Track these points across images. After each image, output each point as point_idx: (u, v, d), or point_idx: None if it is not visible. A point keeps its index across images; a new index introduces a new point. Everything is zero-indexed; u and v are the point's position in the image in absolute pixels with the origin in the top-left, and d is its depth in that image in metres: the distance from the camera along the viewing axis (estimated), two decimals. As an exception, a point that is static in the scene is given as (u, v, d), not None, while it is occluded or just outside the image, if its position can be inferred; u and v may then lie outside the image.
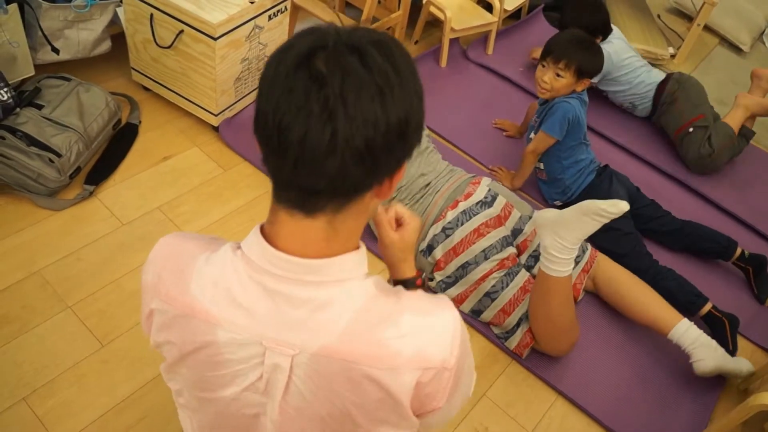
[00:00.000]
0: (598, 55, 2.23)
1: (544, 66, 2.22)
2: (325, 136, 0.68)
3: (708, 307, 2.05)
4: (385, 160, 0.73)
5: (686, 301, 2.05)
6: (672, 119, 2.76)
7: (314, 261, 0.76)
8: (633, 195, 2.36)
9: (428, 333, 0.79)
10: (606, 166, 2.39)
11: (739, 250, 2.30)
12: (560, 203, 2.39)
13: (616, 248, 2.15)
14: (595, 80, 2.82)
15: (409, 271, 1.12)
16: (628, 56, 2.81)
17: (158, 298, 0.83)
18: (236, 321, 0.78)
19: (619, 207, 1.67)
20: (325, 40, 0.71)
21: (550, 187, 2.41)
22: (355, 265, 0.79)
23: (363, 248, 0.82)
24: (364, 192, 0.75)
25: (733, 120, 2.71)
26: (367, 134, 0.69)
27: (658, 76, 2.83)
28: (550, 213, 1.76)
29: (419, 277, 1.13)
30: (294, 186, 0.73)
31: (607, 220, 1.70)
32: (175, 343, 0.83)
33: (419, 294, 0.84)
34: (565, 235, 1.71)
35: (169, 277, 0.82)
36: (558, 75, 2.18)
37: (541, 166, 2.38)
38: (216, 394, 0.84)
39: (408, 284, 1.09)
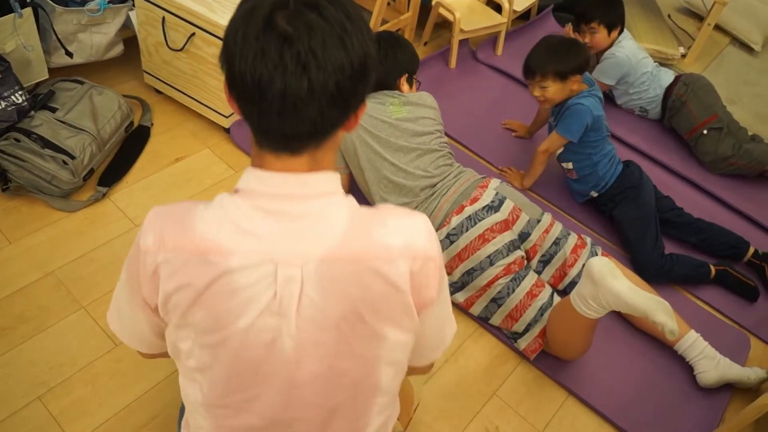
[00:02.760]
0: (574, 52, 2.21)
1: (530, 84, 2.27)
2: (303, 87, 0.79)
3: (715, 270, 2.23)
4: (354, 99, 0.86)
5: (698, 274, 2.22)
6: (683, 122, 2.73)
7: (301, 174, 0.88)
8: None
9: (410, 229, 0.92)
10: (630, 160, 2.40)
11: (752, 249, 2.30)
12: (596, 194, 2.36)
13: (641, 238, 2.22)
14: (611, 82, 2.81)
15: None
16: (642, 57, 2.79)
17: (164, 251, 0.87)
18: (246, 246, 0.85)
19: (672, 332, 1.61)
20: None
21: (583, 184, 2.36)
22: (335, 181, 0.91)
23: (338, 173, 0.93)
24: (337, 129, 0.88)
25: None
26: (338, 79, 0.81)
27: (667, 79, 2.80)
28: (615, 282, 1.60)
29: None
30: (279, 133, 0.85)
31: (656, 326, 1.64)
32: (190, 282, 0.86)
33: (393, 205, 0.97)
34: (610, 304, 1.63)
35: (171, 229, 0.88)
36: (542, 87, 2.22)
37: (570, 166, 2.35)
38: (231, 328, 0.87)
39: None
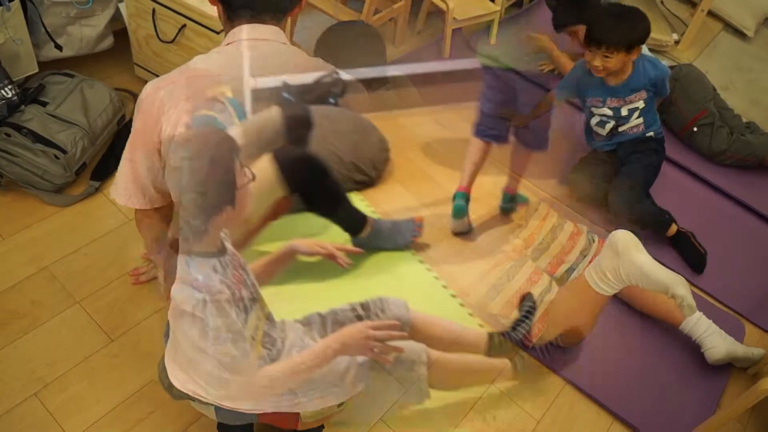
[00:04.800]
0: (639, 21, 2.14)
1: (591, 51, 2.14)
2: None
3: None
4: None
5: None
6: (674, 119, 2.71)
7: (267, 25, 1.43)
8: None
9: None
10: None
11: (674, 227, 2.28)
12: (653, 134, 2.34)
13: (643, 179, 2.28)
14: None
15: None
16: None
17: (164, 87, 1.36)
18: (228, 72, 1.38)
19: (690, 306, 1.62)
20: None
21: (646, 129, 2.33)
22: (284, 37, 1.46)
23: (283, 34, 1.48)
24: (292, 9, 1.44)
25: None
26: None
27: None
28: (639, 254, 1.63)
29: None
30: (250, 8, 1.38)
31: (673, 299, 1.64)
32: (188, 95, 1.33)
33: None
34: (630, 277, 1.65)
35: (168, 75, 1.37)
36: (606, 57, 2.12)
37: (641, 120, 2.31)
38: None
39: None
